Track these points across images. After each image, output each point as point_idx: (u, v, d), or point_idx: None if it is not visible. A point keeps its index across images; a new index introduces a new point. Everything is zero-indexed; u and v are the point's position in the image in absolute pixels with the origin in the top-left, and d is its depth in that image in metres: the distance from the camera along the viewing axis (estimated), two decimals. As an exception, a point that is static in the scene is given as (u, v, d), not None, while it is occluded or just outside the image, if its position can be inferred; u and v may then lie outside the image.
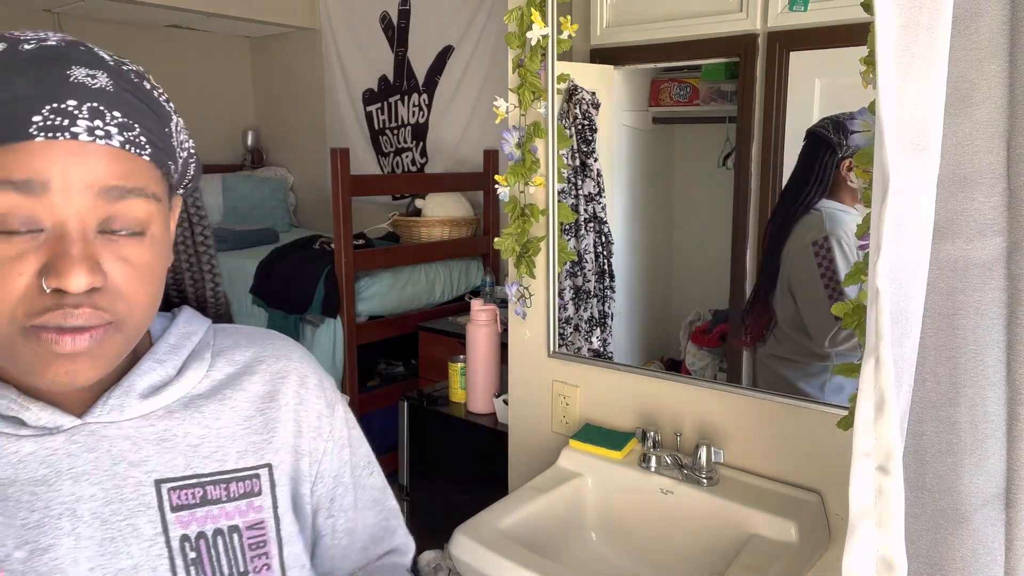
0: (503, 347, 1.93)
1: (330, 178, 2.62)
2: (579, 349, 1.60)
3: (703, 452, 1.25)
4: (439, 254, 2.94)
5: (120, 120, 0.53)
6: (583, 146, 1.65)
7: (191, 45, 4.02)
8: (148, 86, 0.57)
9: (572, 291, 1.59)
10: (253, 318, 3.08)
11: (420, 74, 3.41)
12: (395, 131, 3.57)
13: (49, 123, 0.50)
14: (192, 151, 0.64)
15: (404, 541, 0.80)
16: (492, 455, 1.88)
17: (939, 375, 0.69)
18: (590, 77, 1.69)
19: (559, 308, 1.56)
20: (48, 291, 0.51)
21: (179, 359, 0.64)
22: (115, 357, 0.56)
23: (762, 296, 1.50)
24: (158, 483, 0.59)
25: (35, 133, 0.50)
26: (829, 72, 1.51)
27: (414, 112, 3.48)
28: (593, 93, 1.66)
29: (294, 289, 2.81)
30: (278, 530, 0.63)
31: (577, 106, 1.63)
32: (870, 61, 1.02)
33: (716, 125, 1.79)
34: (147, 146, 0.55)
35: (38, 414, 0.57)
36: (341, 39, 3.71)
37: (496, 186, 1.52)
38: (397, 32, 3.45)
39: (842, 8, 1.34)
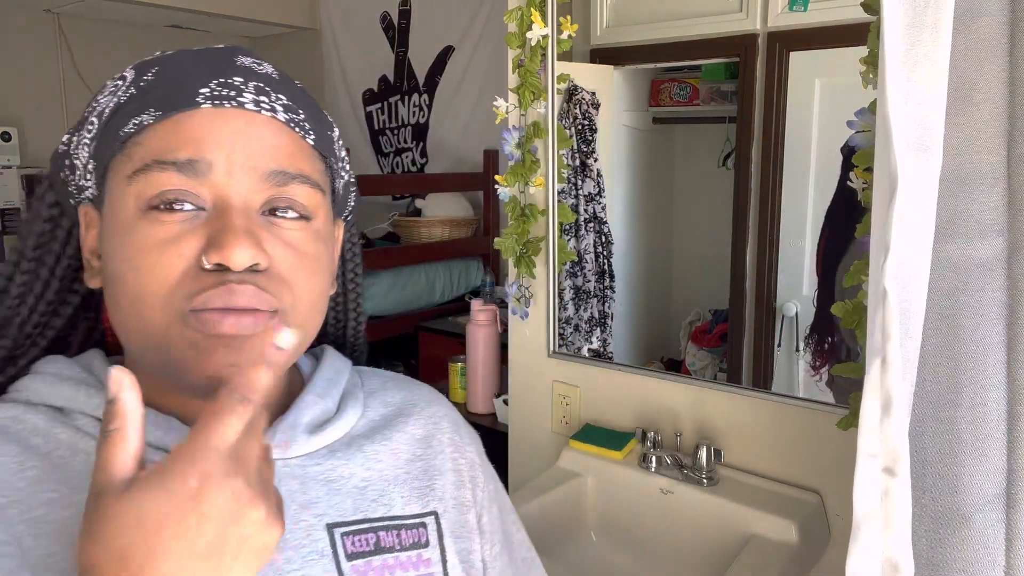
0: (503, 347, 1.92)
1: (330, 178, 2.62)
2: (579, 349, 1.60)
3: (703, 452, 1.25)
4: (439, 254, 2.93)
5: (285, 102, 0.51)
6: (583, 146, 1.65)
7: (191, 45, 4.00)
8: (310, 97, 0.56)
9: (572, 291, 1.59)
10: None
11: (420, 74, 3.41)
12: (395, 131, 3.57)
13: (216, 93, 0.48)
14: (353, 181, 0.61)
15: None
16: (492, 455, 1.86)
17: (939, 375, 0.69)
18: (590, 77, 1.69)
19: (559, 308, 1.56)
20: (210, 267, 0.46)
21: (337, 394, 0.59)
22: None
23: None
24: (330, 527, 0.52)
25: (202, 102, 0.48)
26: (829, 72, 1.51)
27: (414, 112, 3.47)
28: (593, 93, 1.66)
29: (294, 289, 2.80)
30: None
31: (577, 106, 1.63)
32: (870, 61, 1.02)
33: (716, 125, 1.79)
34: (312, 132, 0.52)
35: None
36: (341, 39, 3.71)
37: (496, 186, 1.52)
38: (397, 32, 3.45)
39: (842, 8, 1.34)
